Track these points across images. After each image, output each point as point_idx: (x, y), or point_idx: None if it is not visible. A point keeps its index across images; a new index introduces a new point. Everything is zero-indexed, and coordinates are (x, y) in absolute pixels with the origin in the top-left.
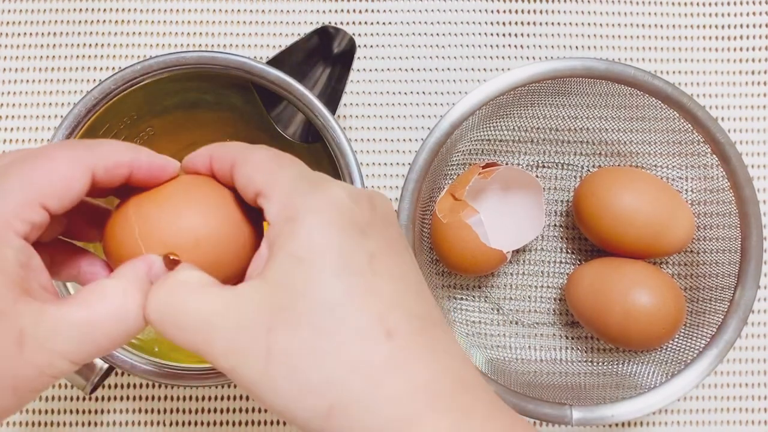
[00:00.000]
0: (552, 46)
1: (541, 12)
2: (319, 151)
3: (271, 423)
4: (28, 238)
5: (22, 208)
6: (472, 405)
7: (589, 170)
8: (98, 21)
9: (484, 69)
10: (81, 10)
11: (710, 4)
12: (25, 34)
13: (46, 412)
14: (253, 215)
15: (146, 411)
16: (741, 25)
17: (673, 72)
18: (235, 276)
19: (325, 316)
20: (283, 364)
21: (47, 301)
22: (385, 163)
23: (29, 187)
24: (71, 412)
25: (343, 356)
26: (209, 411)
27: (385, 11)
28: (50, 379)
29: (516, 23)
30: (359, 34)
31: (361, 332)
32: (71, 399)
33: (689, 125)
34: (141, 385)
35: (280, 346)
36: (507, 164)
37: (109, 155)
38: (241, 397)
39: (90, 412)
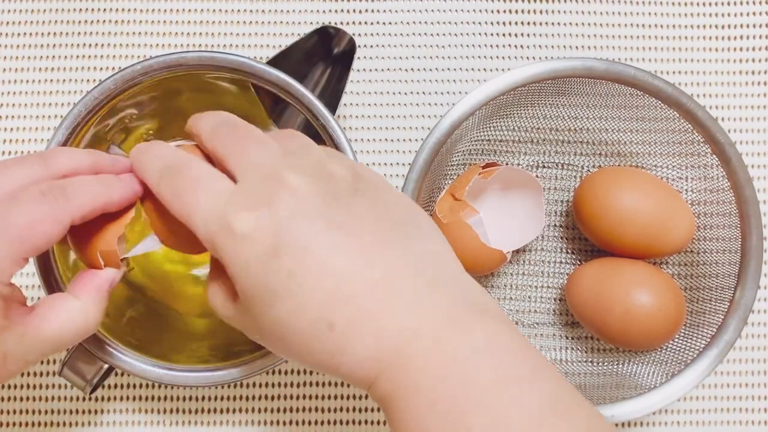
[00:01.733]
0: (552, 46)
1: (541, 12)
2: None
3: (272, 423)
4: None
5: (9, 266)
6: (435, 335)
7: (589, 170)
8: (98, 21)
9: (484, 69)
10: (81, 10)
11: (710, 4)
12: (25, 34)
13: (46, 412)
14: None
15: (146, 411)
16: (741, 25)
17: (673, 72)
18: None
19: (279, 332)
20: (276, 350)
21: (23, 322)
22: (385, 164)
23: (14, 249)
24: (71, 412)
25: (306, 353)
26: (209, 411)
27: (385, 11)
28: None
29: (516, 23)
30: (359, 34)
31: (309, 337)
32: (71, 399)
33: (689, 125)
34: (141, 385)
35: (268, 344)
36: (507, 164)
37: (84, 204)
38: (241, 398)
39: (90, 412)
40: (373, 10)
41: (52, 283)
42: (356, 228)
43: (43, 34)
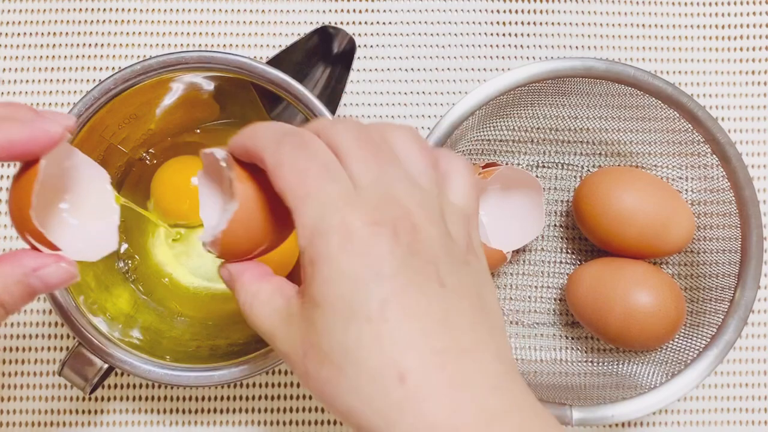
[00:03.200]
0: (552, 46)
1: (541, 12)
2: None
3: (272, 423)
4: None
5: None
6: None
7: (589, 170)
8: (98, 21)
9: (484, 69)
10: (81, 10)
11: (710, 4)
12: (25, 34)
13: (46, 412)
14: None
15: (146, 411)
16: (741, 25)
17: (673, 72)
18: (266, 243)
19: (343, 358)
20: (315, 386)
21: None
22: None
23: None
24: (71, 412)
25: (360, 395)
26: (209, 411)
27: (385, 11)
28: None
29: (516, 23)
30: (359, 34)
31: (374, 376)
32: (71, 399)
33: (689, 125)
34: (141, 385)
35: (312, 373)
36: (507, 164)
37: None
38: (241, 398)
39: (90, 412)
40: (373, 10)
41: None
42: (461, 293)
43: (43, 34)
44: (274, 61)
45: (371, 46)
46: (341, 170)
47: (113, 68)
